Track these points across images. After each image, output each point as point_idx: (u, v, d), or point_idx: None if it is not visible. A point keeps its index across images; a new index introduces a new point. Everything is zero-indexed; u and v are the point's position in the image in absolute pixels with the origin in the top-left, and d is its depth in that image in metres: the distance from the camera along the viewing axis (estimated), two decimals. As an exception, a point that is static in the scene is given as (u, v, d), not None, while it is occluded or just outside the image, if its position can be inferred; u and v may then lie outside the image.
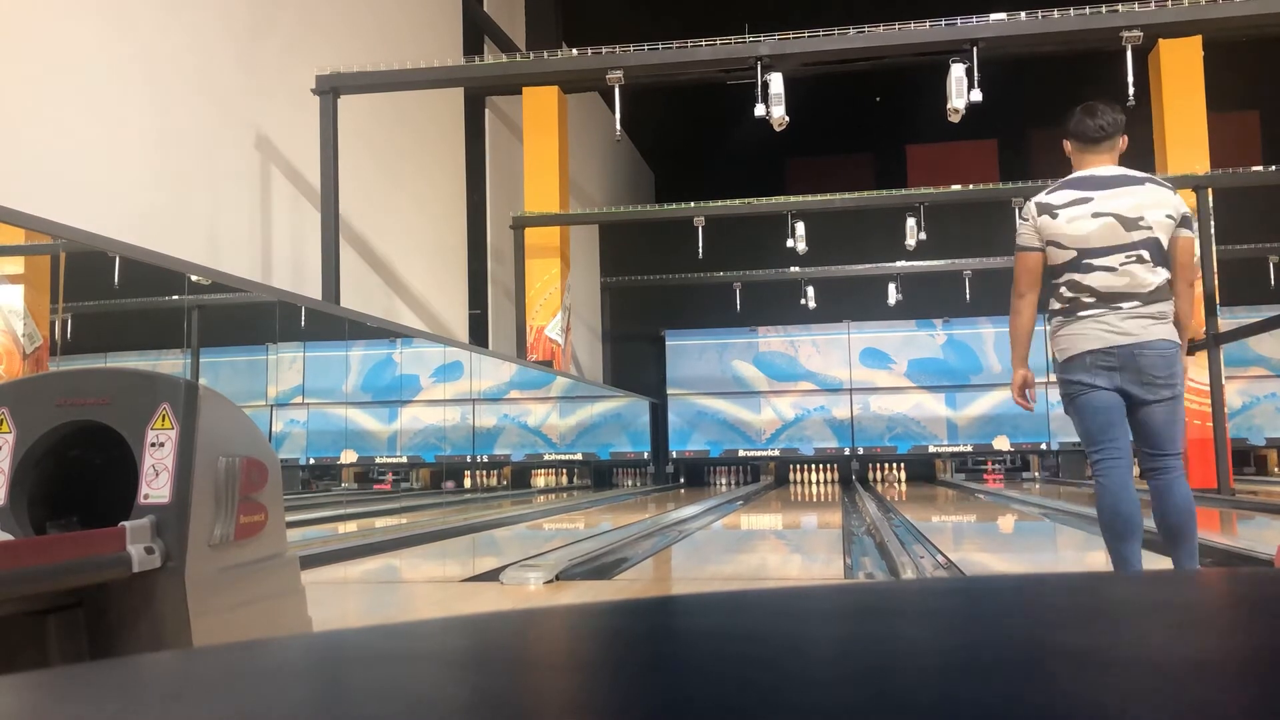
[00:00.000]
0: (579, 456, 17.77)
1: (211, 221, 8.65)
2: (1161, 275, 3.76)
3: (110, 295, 6.29)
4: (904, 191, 14.12)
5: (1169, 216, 3.82)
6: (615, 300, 20.52)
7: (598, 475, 18.72)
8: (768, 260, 17.83)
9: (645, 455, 19.52)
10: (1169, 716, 0.38)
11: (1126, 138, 4.09)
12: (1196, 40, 11.54)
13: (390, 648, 0.54)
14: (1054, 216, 3.87)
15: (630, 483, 19.01)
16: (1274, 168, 12.88)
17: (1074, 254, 3.81)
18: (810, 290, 17.94)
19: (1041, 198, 4.02)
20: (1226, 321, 12.33)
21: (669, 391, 20.23)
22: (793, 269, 17.57)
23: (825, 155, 22.28)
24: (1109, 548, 3.84)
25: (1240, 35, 11.29)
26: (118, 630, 1.76)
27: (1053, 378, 3.94)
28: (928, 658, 0.50)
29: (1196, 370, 12.12)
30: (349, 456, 10.84)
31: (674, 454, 20.00)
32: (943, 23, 9.95)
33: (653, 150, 23.71)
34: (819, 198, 13.85)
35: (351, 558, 6.68)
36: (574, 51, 11.39)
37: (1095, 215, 3.83)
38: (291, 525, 2.80)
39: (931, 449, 19.35)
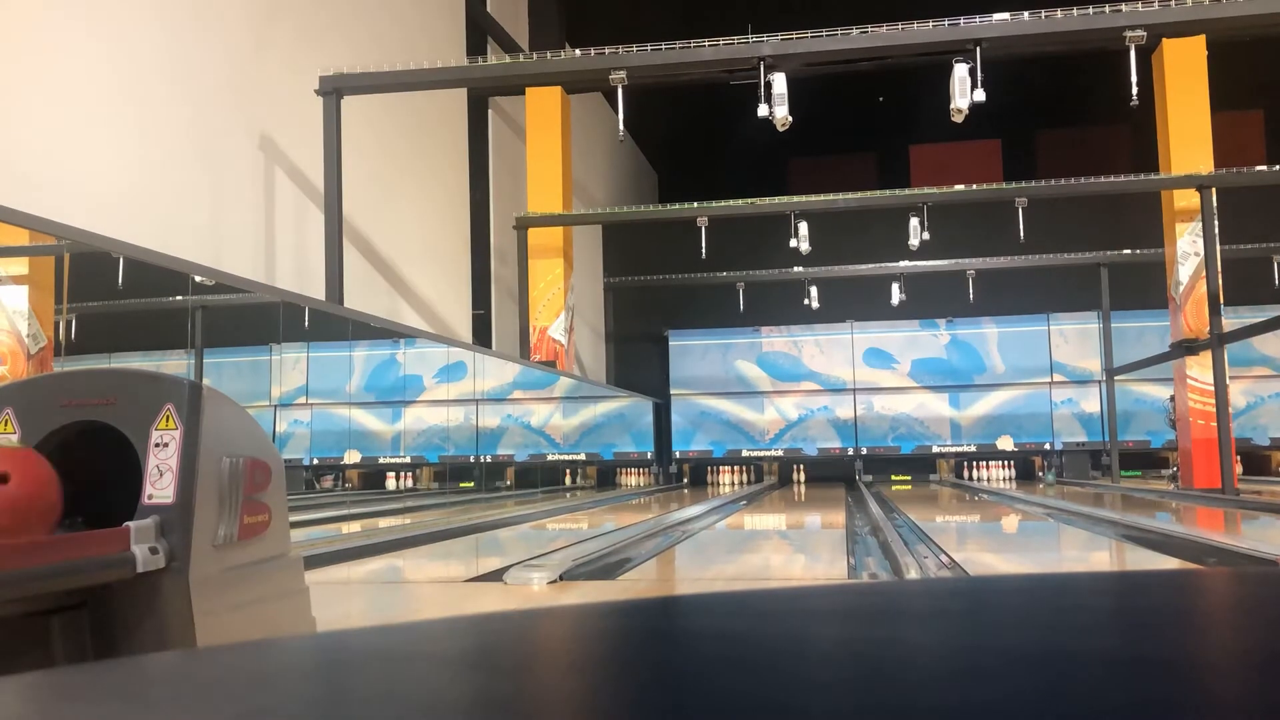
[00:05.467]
0: (582, 456, 17.77)
1: (215, 222, 8.66)
2: None
3: (114, 296, 6.29)
4: (908, 192, 14.10)
5: None
6: (618, 300, 20.53)
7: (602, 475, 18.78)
8: (771, 260, 17.82)
9: (649, 455, 19.52)
10: (1176, 716, 0.38)
11: None
12: (1200, 40, 11.52)
13: (394, 648, 0.54)
14: None
15: (634, 482, 19.04)
16: (1278, 167, 12.86)
17: None
18: (814, 290, 17.93)
19: None
20: (1230, 321, 12.31)
21: (672, 392, 20.23)
22: (796, 269, 17.56)
23: (828, 155, 22.27)
24: None
25: (1244, 34, 11.27)
26: (122, 630, 1.76)
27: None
28: (931, 658, 0.50)
29: (1200, 370, 12.11)
30: (352, 457, 10.85)
31: (677, 454, 20.01)
32: (946, 23, 9.94)
33: (656, 150, 23.71)
34: (823, 198, 13.84)
35: (355, 558, 6.69)
36: (577, 52, 11.39)
37: None
38: (295, 525, 2.80)
39: (935, 449, 19.34)
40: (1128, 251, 16.47)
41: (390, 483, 12.74)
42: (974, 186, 13.56)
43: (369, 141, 11.16)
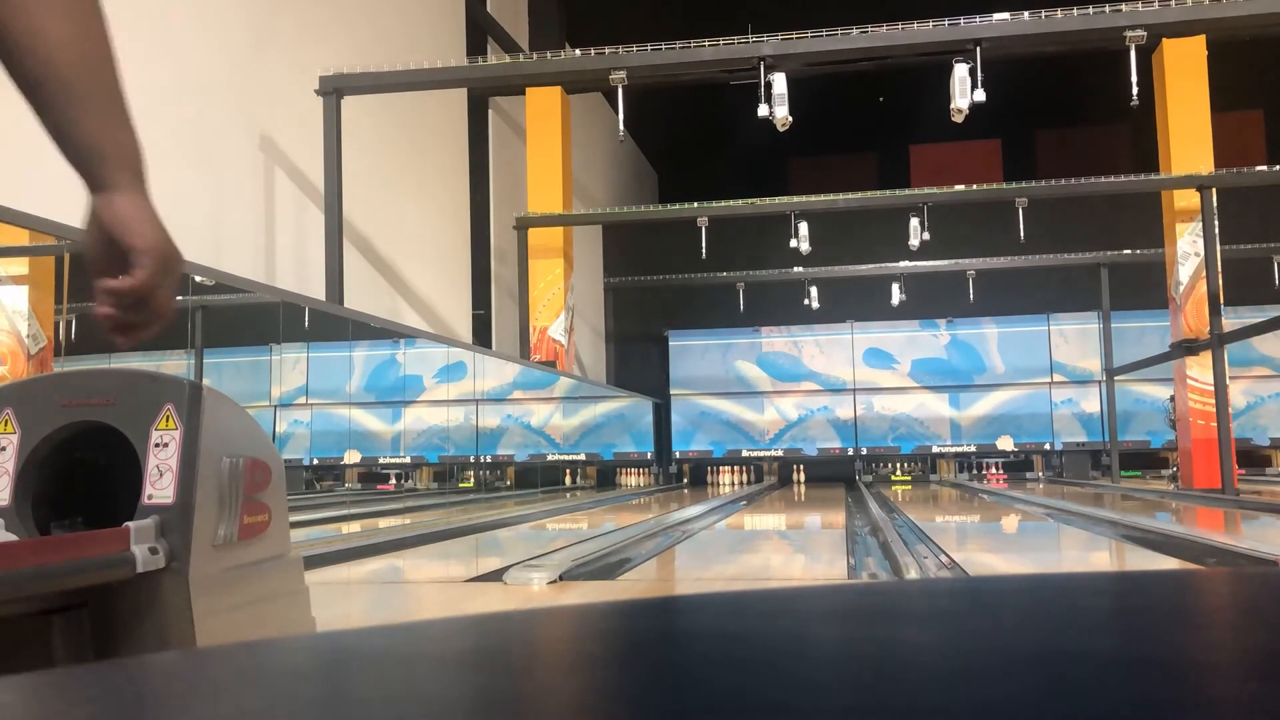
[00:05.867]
0: (582, 456, 17.78)
1: (215, 222, 8.66)
2: None
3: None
4: (908, 192, 14.11)
5: None
6: (618, 300, 20.53)
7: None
8: (771, 260, 17.83)
9: (649, 455, 19.52)
10: (1176, 716, 0.38)
11: None
12: (1200, 40, 11.52)
13: (394, 648, 0.54)
14: None
15: (634, 482, 19.06)
16: (1278, 167, 12.86)
17: None
18: (814, 290, 17.93)
19: None
20: (1230, 321, 12.31)
21: (672, 392, 20.23)
22: (796, 269, 17.57)
23: (828, 155, 22.28)
24: None
25: (1244, 34, 11.28)
26: (122, 631, 1.76)
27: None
28: (931, 658, 0.50)
29: (1200, 370, 12.11)
30: (352, 457, 10.85)
31: (677, 454, 20.01)
32: (946, 23, 9.95)
33: (656, 150, 23.71)
34: (823, 198, 13.84)
35: (355, 558, 6.69)
36: (577, 52, 11.40)
37: None
38: (295, 525, 2.80)
39: (935, 449, 19.34)
40: (1128, 251, 16.48)
41: (390, 482, 12.74)
42: (974, 186, 13.56)
43: (369, 141, 11.16)
